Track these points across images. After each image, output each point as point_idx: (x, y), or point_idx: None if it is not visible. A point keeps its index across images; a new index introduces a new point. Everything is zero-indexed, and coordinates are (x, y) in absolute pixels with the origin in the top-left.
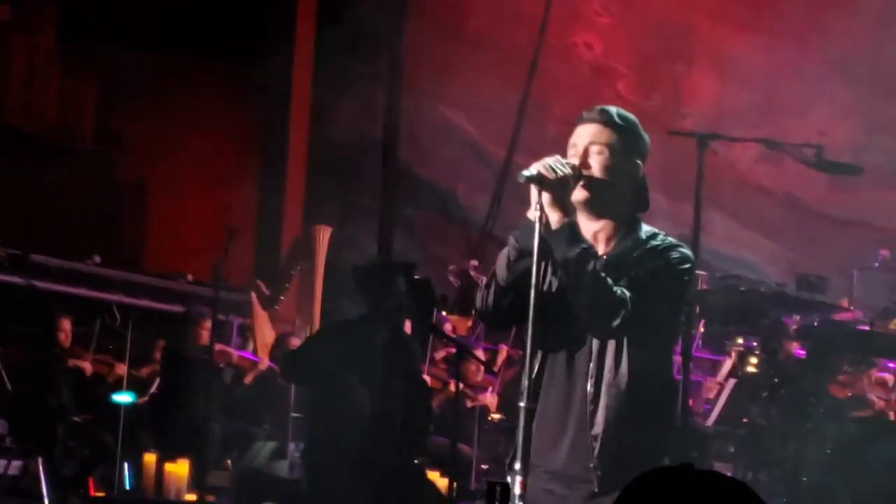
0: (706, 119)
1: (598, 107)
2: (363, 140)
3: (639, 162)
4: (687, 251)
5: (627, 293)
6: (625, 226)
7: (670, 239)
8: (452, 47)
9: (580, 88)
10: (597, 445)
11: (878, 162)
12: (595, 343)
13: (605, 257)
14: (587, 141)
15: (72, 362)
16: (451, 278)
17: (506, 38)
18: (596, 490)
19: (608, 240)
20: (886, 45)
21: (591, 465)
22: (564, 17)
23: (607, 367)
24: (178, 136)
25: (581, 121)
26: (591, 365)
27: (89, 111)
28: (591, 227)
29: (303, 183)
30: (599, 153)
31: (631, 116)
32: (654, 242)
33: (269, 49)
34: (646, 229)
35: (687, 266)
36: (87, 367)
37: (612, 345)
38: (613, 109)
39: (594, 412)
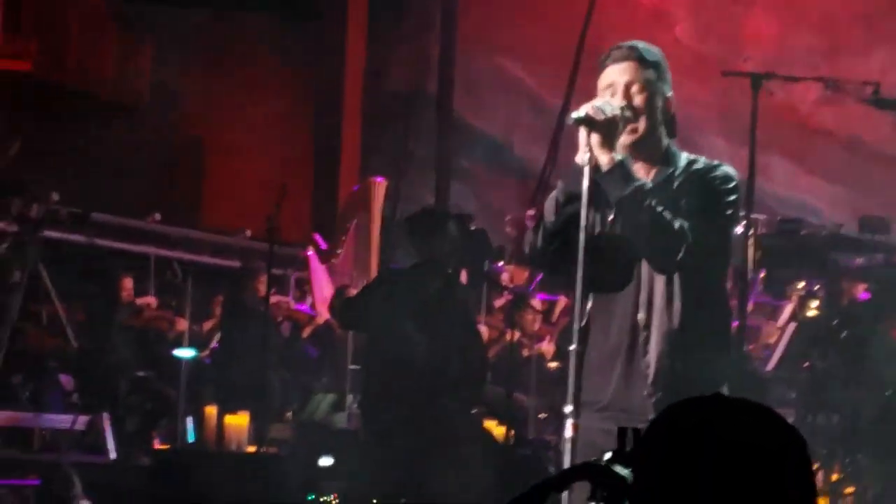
0: (766, 62)
1: (625, 44)
2: (418, 92)
3: (670, 94)
4: (728, 168)
5: (686, 224)
6: (663, 155)
7: (711, 161)
8: None
9: (636, 34)
10: (650, 373)
11: None
12: (645, 272)
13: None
14: (625, 80)
15: (134, 319)
16: (508, 228)
17: None
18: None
19: (648, 171)
20: None
21: (646, 394)
22: None
23: (658, 293)
24: (234, 93)
25: (612, 60)
26: (643, 294)
27: (146, 69)
28: (633, 164)
29: (358, 136)
30: (640, 91)
31: (655, 48)
32: (696, 167)
33: (322, 2)
34: (685, 155)
35: (732, 184)
36: (149, 323)
37: (658, 284)
38: (640, 45)
39: (647, 340)
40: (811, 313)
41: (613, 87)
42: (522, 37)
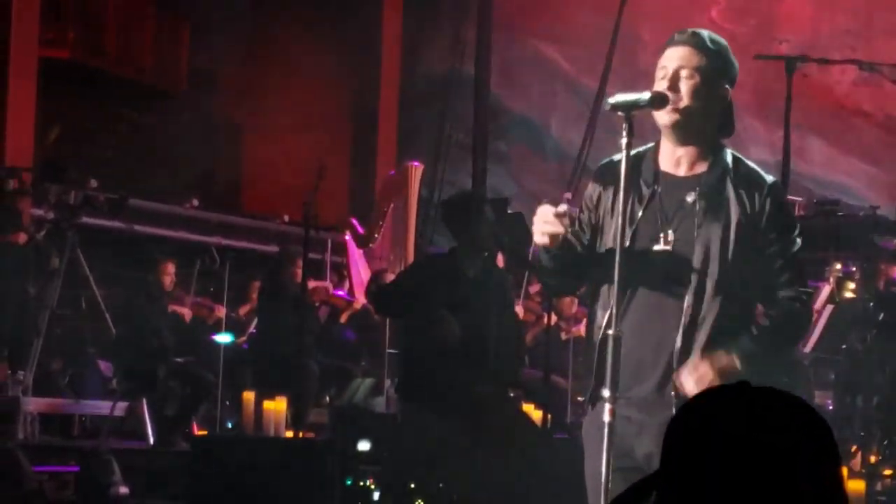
0: (802, 44)
1: (690, 29)
2: (455, 76)
3: (727, 87)
4: (776, 180)
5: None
6: (710, 151)
7: (758, 167)
8: None
9: (672, 16)
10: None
11: None
12: (697, 269)
13: (687, 180)
14: (677, 64)
15: (173, 305)
16: None
17: None
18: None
19: (692, 164)
20: None
21: (673, 394)
22: None
23: (708, 291)
24: (271, 78)
25: (672, 43)
26: (689, 293)
27: (184, 55)
28: (675, 152)
29: (395, 120)
30: (689, 77)
31: (722, 40)
32: (752, 172)
33: None
34: (729, 152)
35: (781, 189)
36: (188, 309)
37: (710, 281)
38: (705, 33)
39: (687, 344)
40: (848, 295)
41: (665, 70)
42: (558, 19)
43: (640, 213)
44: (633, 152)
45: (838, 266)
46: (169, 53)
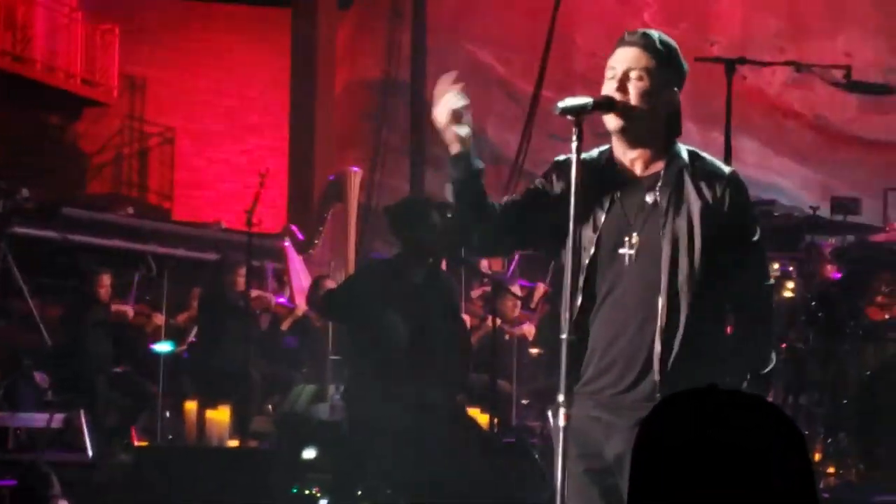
0: (733, 45)
1: (641, 30)
2: (391, 81)
3: (676, 90)
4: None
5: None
6: (664, 149)
7: (714, 159)
8: None
9: (606, 19)
10: (658, 379)
11: None
12: (665, 274)
13: (646, 179)
14: (626, 66)
15: (110, 314)
16: None
17: None
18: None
19: (648, 164)
20: None
21: (649, 390)
22: None
23: (683, 297)
24: (204, 83)
25: (622, 43)
26: (661, 296)
27: (115, 61)
28: (628, 155)
29: (333, 126)
30: (638, 79)
31: (672, 42)
32: (709, 164)
33: None
34: (685, 148)
35: (740, 179)
36: (126, 318)
37: (682, 277)
38: (656, 34)
39: (663, 340)
40: (787, 294)
41: (614, 70)
42: (493, 24)
43: (602, 219)
44: (587, 155)
45: (776, 266)
46: (99, 60)
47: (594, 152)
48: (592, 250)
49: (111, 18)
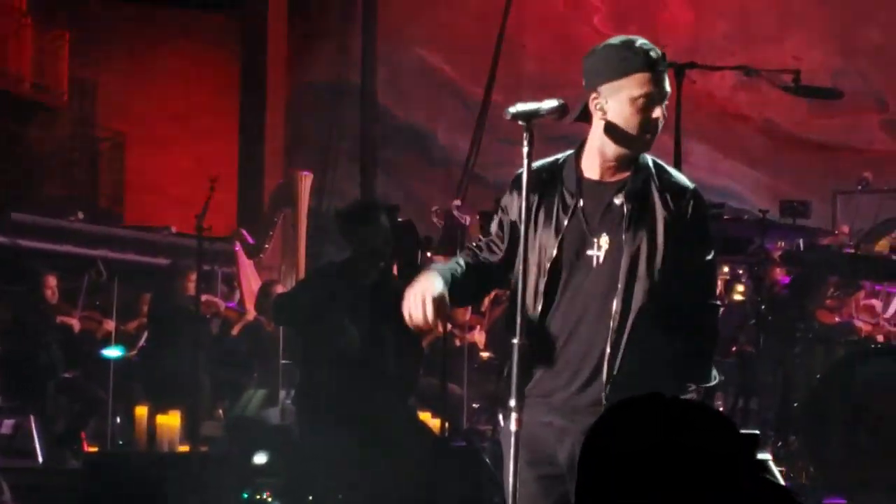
0: (683, 50)
1: (661, 52)
2: (341, 85)
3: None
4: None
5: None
6: (634, 159)
7: (675, 171)
8: None
9: (556, 23)
10: (605, 376)
11: (855, 85)
12: (622, 280)
13: (612, 185)
14: (666, 93)
15: (60, 319)
16: (435, 219)
17: None
18: None
19: (615, 172)
20: None
21: (601, 396)
22: None
23: (636, 302)
24: (154, 88)
25: (658, 66)
26: (616, 300)
27: (65, 66)
28: (599, 162)
29: (283, 130)
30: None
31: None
32: (673, 176)
33: None
34: (650, 158)
35: (702, 196)
36: (76, 323)
37: (639, 283)
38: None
39: (615, 348)
40: (737, 297)
41: (654, 95)
42: (443, 28)
43: (565, 222)
44: (552, 159)
45: (726, 269)
46: (49, 65)
47: (555, 158)
48: (554, 253)
49: (61, 24)
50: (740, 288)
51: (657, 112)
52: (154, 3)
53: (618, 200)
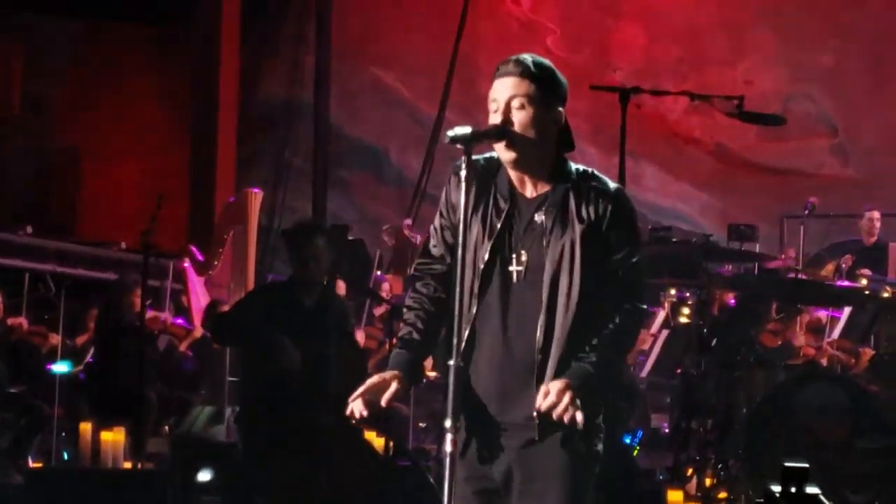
0: (636, 72)
1: (513, 58)
2: (294, 103)
3: (560, 109)
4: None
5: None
6: (553, 170)
7: (603, 177)
8: (380, 6)
9: (509, 45)
10: (536, 395)
11: (805, 109)
12: (545, 294)
13: (535, 200)
14: (507, 95)
15: (10, 321)
16: (386, 238)
17: None
18: (536, 437)
19: (536, 185)
20: None
21: (535, 415)
22: None
23: (559, 316)
24: (106, 102)
25: (498, 75)
26: (542, 316)
27: (16, 79)
28: (518, 178)
29: (234, 146)
30: (520, 108)
31: (546, 62)
32: (595, 183)
33: (195, 12)
34: (574, 166)
35: (625, 196)
36: (21, 337)
37: (562, 297)
38: (528, 59)
39: (543, 363)
40: (683, 320)
41: (497, 102)
42: (397, 47)
43: (498, 226)
44: (487, 156)
45: (673, 292)
46: (1, 79)
47: (484, 158)
48: (486, 256)
49: (13, 35)
50: (686, 311)
51: (497, 119)
52: (107, 17)
53: (538, 218)
